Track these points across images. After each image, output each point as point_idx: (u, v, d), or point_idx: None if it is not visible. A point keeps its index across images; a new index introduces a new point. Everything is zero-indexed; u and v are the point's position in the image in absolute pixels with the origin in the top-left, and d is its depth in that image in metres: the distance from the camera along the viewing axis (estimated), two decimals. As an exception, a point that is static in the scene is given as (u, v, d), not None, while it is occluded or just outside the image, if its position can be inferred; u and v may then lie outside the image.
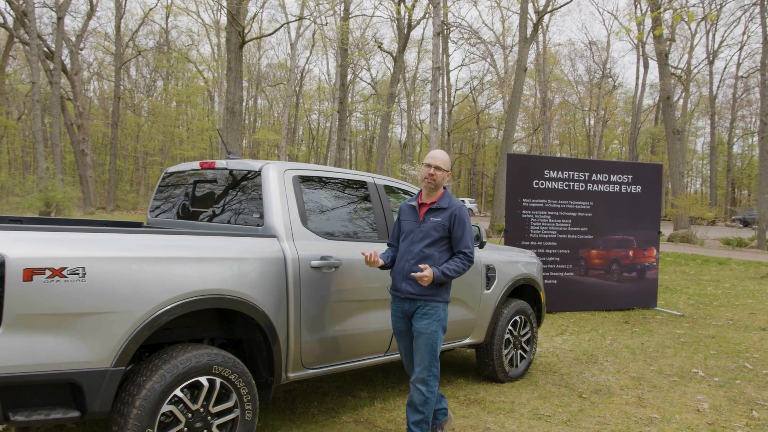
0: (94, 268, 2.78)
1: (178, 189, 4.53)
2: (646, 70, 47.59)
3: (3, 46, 45.53)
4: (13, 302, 2.56)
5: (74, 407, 2.79)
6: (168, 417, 3.05)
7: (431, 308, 3.67)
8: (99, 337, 2.79)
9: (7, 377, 2.56)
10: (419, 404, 3.64)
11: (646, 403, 5.02)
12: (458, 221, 3.72)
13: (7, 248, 2.58)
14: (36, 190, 30.73)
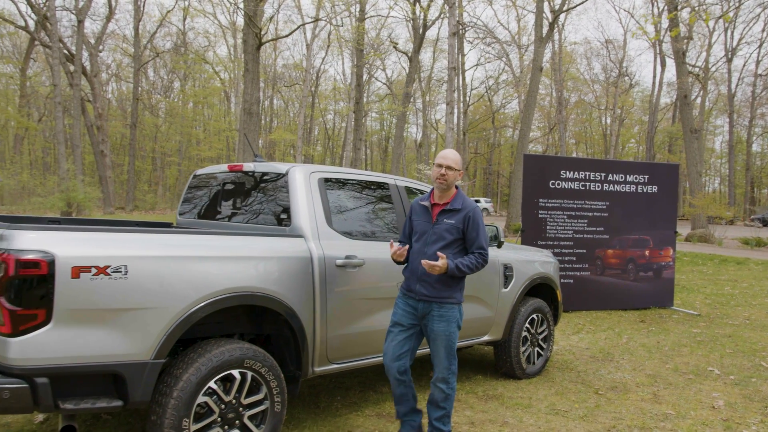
0: (136, 266, 2.96)
1: (207, 191, 4.71)
2: (663, 69, 47.26)
3: (24, 49, 46.31)
4: (63, 298, 2.74)
5: (117, 397, 2.96)
6: (203, 408, 3.21)
7: (447, 310, 3.70)
8: (140, 331, 2.96)
9: (58, 368, 2.74)
10: (440, 401, 3.74)
11: (662, 400, 5.11)
12: (472, 223, 3.72)
13: (56, 248, 2.76)
14: (57, 190, 31.27)
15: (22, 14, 39.68)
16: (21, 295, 2.67)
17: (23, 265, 2.66)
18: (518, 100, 49.69)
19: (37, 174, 51.28)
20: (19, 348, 2.67)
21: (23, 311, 2.67)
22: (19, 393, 2.64)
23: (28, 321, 2.68)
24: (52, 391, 2.73)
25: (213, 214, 4.56)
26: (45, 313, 2.71)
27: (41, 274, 2.69)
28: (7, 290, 2.65)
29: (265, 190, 4.18)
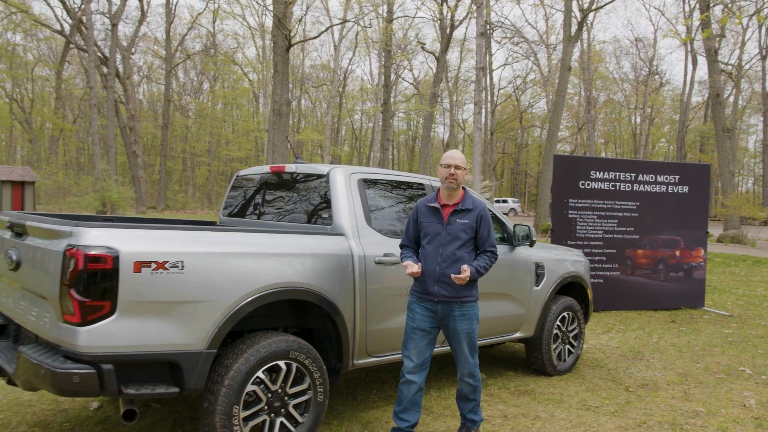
0: (191, 262, 3.16)
1: (249, 191, 4.91)
2: (695, 67, 46.52)
3: (60, 52, 47.48)
4: (126, 291, 2.95)
5: (174, 384, 3.17)
6: (251, 396, 3.41)
7: (468, 308, 3.77)
8: (195, 322, 3.16)
9: (122, 355, 2.95)
10: (470, 394, 3.87)
11: (692, 398, 5.18)
12: (484, 222, 3.80)
13: (120, 244, 2.97)
14: (92, 190, 32.04)
15: (59, 18, 40.81)
16: (89, 287, 2.88)
17: (91, 260, 2.87)
18: (546, 99, 49.41)
19: (71, 174, 52.53)
20: (87, 336, 2.88)
21: (91, 302, 2.88)
22: (87, 378, 2.86)
23: (95, 311, 2.89)
24: (117, 376, 2.94)
25: (255, 213, 4.76)
26: (110, 304, 2.92)
27: (107, 268, 2.90)
28: (76, 283, 2.87)
29: (307, 190, 4.37)
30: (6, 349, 3.59)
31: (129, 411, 3.07)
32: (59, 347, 2.97)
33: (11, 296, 3.60)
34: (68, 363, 2.89)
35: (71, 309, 2.88)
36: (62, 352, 2.95)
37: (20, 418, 4.17)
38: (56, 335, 2.98)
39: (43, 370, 2.88)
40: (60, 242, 2.98)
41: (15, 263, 3.37)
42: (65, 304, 2.90)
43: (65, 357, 2.94)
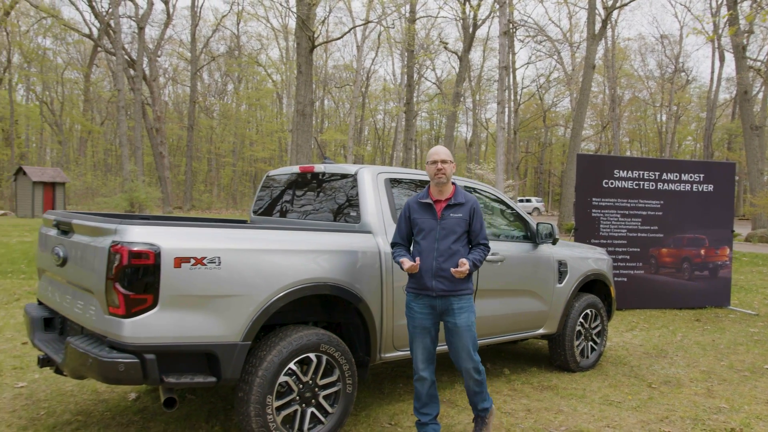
0: (227, 258, 3.32)
1: (279, 190, 5.08)
2: (722, 64, 45.80)
3: (88, 55, 48.45)
4: (167, 285, 3.12)
5: (211, 374, 3.33)
6: (283, 387, 3.56)
7: (466, 301, 3.79)
8: (231, 316, 3.32)
9: (163, 346, 3.12)
10: (475, 386, 3.88)
11: (716, 395, 5.22)
12: (477, 215, 3.84)
13: (161, 241, 3.14)
14: (121, 190, 32.66)
15: (87, 22, 41.67)
16: (133, 281, 3.06)
17: (135, 256, 3.05)
18: (570, 98, 49.05)
19: (99, 175, 53.55)
20: (131, 328, 3.06)
21: (135, 296, 3.06)
22: (131, 367, 3.03)
23: (138, 304, 3.07)
24: (158, 366, 3.11)
25: (285, 212, 4.93)
26: (152, 297, 3.10)
27: (149, 263, 3.07)
28: (121, 277, 3.05)
29: (335, 189, 4.52)
30: (53, 341, 3.80)
31: (169, 399, 3.24)
32: (105, 338, 3.16)
33: (57, 290, 3.80)
34: (114, 353, 3.07)
35: (116, 302, 3.06)
36: (108, 343, 3.14)
37: (64, 407, 4.38)
38: (102, 327, 3.17)
39: (91, 359, 3.06)
40: (105, 239, 3.16)
41: (62, 259, 3.57)
42: (110, 297, 3.08)
43: (111, 347, 3.12)
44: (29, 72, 46.26)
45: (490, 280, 4.82)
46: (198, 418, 4.22)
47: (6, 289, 9.35)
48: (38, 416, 4.20)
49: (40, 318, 3.96)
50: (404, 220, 3.91)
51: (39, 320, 3.95)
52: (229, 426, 4.09)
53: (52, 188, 31.77)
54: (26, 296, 8.82)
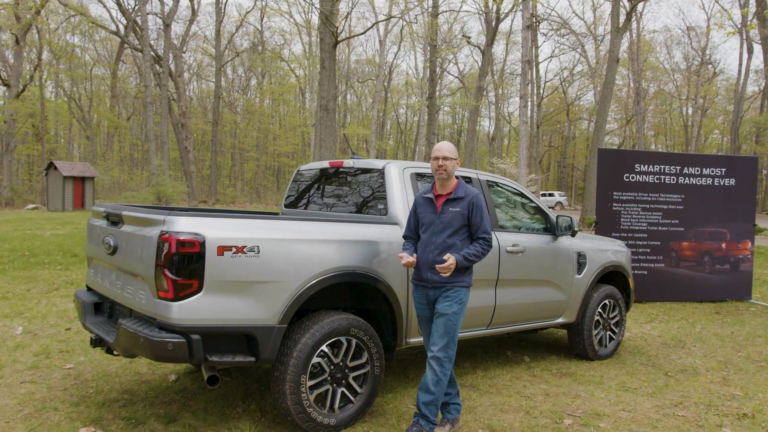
0: (266, 247, 3.58)
1: (310, 184, 5.34)
2: (750, 56, 45.07)
3: (114, 52, 49.35)
4: (211, 271, 3.39)
5: (250, 354, 3.60)
6: (316, 367, 3.82)
7: (454, 291, 3.84)
8: (268, 300, 3.59)
9: (207, 327, 3.40)
10: (431, 383, 3.77)
11: (731, 383, 5.38)
12: (476, 209, 3.86)
13: (205, 231, 3.41)
14: (147, 184, 33.34)
15: (114, 19, 42.36)
16: (180, 268, 3.33)
17: (182, 244, 3.32)
18: (594, 91, 48.68)
19: (126, 169, 54.52)
20: (179, 310, 3.34)
21: (182, 281, 3.33)
22: (179, 346, 3.31)
23: (185, 289, 3.34)
24: (203, 346, 3.39)
25: (315, 204, 5.19)
26: (198, 283, 3.37)
27: (195, 251, 3.35)
28: (169, 264, 3.32)
29: (363, 183, 4.76)
30: (103, 323, 4.10)
31: (212, 377, 3.52)
32: (154, 320, 3.44)
33: (107, 277, 4.10)
34: (163, 333, 3.35)
35: (165, 286, 3.34)
36: (157, 324, 3.42)
37: (110, 387, 4.70)
38: (151, 309, 3.45)
39: (142, 339, 3.35)
40: (154, 229, 3.44)
41: (112, 248, 3.87)
42: (160, 282, 3.36)
43: (160, 328, 3.40)
44: (58, 69, 47.25)
45: (511, 270, 5.04)
46: (235, 398, 4.51)
47: (45, 279, 9.77)
48: (87, 394, 4.52)
49: (91, 303, 4.27)
50: (412, 215, 4.07)
51: (90, 305, 4.25)
52: (264, 405, 4.37)
53: (81, 182, 32.52)
54: (64, 286, 9.22)
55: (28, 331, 6.35)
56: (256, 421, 4.05)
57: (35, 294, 8.52)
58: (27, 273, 10.31)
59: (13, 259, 11.71)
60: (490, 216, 5.03)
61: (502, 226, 5.18)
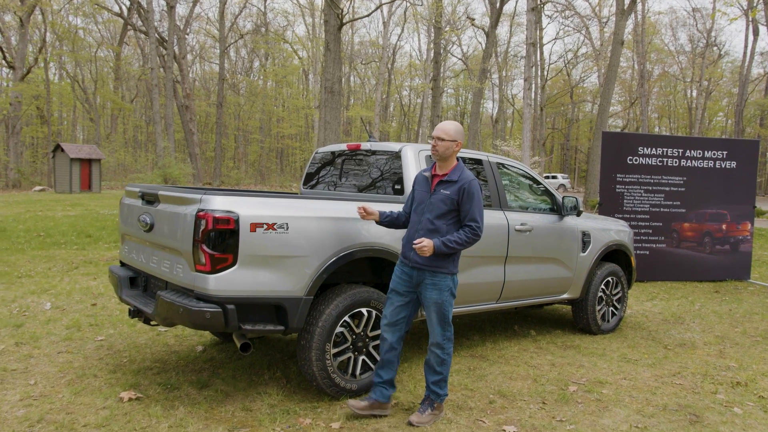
0: (294, 224, 3.85)
1: (328, 166, 5.60)
2: (756, 38, 44.91)
3: (118, 33, 49.31)
4: (244, 246, 3.66)
5: (279, 323, 3.89)
6: (339, 337, 4.11)
7: (439, 279, 3.79)
8: (296, 273, 3.86)
9: (242, 297, 3.68)
10: (437, 365, 3.85)
11: (726, 356, 5.67)
12: (467, 195, 3.75)
13: (239, 209, 3.67)
14: (152, 167, 33.59)
15: (117, 1, 42.36)
16: (216, 243, 3.60)
17: (218, 222, 3.59)
18: (598, 73, 48.59)
19: (130, 151, 54.74)
20: (215, 282, 3.62)
21: (218, 255, 3.61)
22: (215, 315, 3.59)
23: (221, 262, 3.62)
24: (237, 315, 3.67)
25: (333, 185, 5.45)
26: (232, 257, 3.64)
27: (230, 228, 3.61)
28: (207, 239, 3.59)
29: (380, 165, 5.01)
30: (138, 296, 4.39)
31: (245, 344, 3.81)
32: (192, 291, 3.72)
33: (143, 253, 4.38)
34: (201, 303, 3.63)
35: (202, 260, 3.62)
36: (195, 295, 3.70)
37: (142, 356, 5.01)
38: (189, 282, 3.73)
39: (182, 309, 3.63)
40: (192, 207, 3.71)
41: (149, 225, 4.14)
42: (197, 256, 3.64)
43: (197, 299, 3.68)
44: (62, 51, 47.29)
45: (519, 247, 5.31)
46: (260, 367, 4.82)
47: (64, 258, 10.08)
48: (122, 363, 4.82)
49: (126, 277, 4.56)
50: (411, 192, 4.06)
51: (125, 279, 4.54)
52: (288, 372, 4.67)
53: (88, 164, 32.78)
54: (83, 265, 9.53)
55: (56, 307, 6.66)
56: (282, 387, 4.36)
57: (56, 272, 8.83)
58: (45, 252, 10.62)
59: (29, 239, 12.03)
60: (500, 196, 5.30)
61: (511, 206, 5.44)
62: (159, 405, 3.93)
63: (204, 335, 5.70)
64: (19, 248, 10.95)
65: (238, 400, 4.10)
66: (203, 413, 3.84)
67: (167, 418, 3.73)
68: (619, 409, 4.13)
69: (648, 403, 4.27)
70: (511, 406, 4.12)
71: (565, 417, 3.96)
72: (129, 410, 3.85)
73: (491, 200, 5.24)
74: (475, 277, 4.96)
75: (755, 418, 4.08)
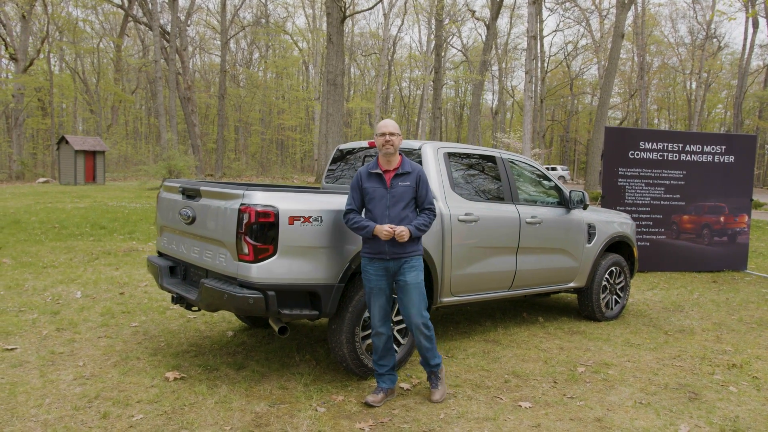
0: (327, 217, 4.18)
1: (350, 162, 5.93)
2: (756, 30, 45.21)
3: (118, 25, 49.40)
4: (283, 238, 4.00)
5: (313, 309, 4.23)
6: (367, 321, 4.44)
7: (416, 261, 4.11)
8: (330, 263, 4.20)
9: (281, 284, 4.02)
10: (426, 341, 4.13)
11: (723, 341, 6.03)
12: (422, 182, 4.13)
13: (278, 203, 4.01)
14: (154, 158, 33.81)
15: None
16: (258, 234, 3.94)
17: (260, 215, 3.93)
18: (597, 65, 48.84)
19: (132, 143, 54.93)
20: (257, 270, 3.95)
21: (260, 246, 3.94)
22: (258, 301, 3.93)
23: (263, 252, 3.96)
24: (277, 300, 4.01)
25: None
26: (273, 247, 3.98)
27: (270, 221, 3.95)
28: (250, 231, 3.93)
29: (401, 162, 5.34)
30: (178, 284, 4.73)
31: (283, 327, 4.15)
32: (235, 279, 4.06)
33: (183, 244, 4.72)
34: (245, 290, 3.97)
35: (245, 250, 3.95)
36: (238, 283, 4.04)
37: (178, 341, 5.36)
38: (233, 270, 4.06)
39: (227, 295, 3.97)
40: (235, 202, 4.04)
41: (190, 218, 4.47)
42: (240, 247, 3.98)
43: (240, 286, 4.02)
44: (64, 42, 47.40)
45: (530, 239, 5.66)
46: (290, 350, 5.17)
47: (83, 249, 10.41)
48: (160, 347, 5.18)
49: (167, 266, 4.90)
50: (356, 189, 4.16)
51: (166, 268, 4.89)
52: (317, 355, 5.03)
53: (93, 156, 33.07)
54: (103, 256, 9.87)
55: (86, 295, 7.00)
56: (313, 368, 4.71)
57: (78, 263, 9.16)
58: (63, 244, 10.94)
59: (45, 231, 12.36)
60: (512, 191, 5.64)
61: (522, 200, 5.78)
62: (203, 384, 4.29)
63: (233, 321, 6.05)
64: (37, 239, 11.28)
65: (274, 379, 4.45)
66: (243, 391, 4.20)
67: (212, 395, 4.09)
68: (625, 388, 4.50)
69: (650, 383, 4.63)
70: (525, 385, 4.49)
71: (575, 394, 4.32)
72: (176, 388, 4.20)
73: (504, 194, 5.59)
74: (489, 267, 5.31)
75: (749, 395, 4.44)
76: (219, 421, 3.70)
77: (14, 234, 11.76)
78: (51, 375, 4.40)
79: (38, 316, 6.01)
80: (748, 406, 4.23)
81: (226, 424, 3.67)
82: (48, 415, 3.72)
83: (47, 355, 4.85)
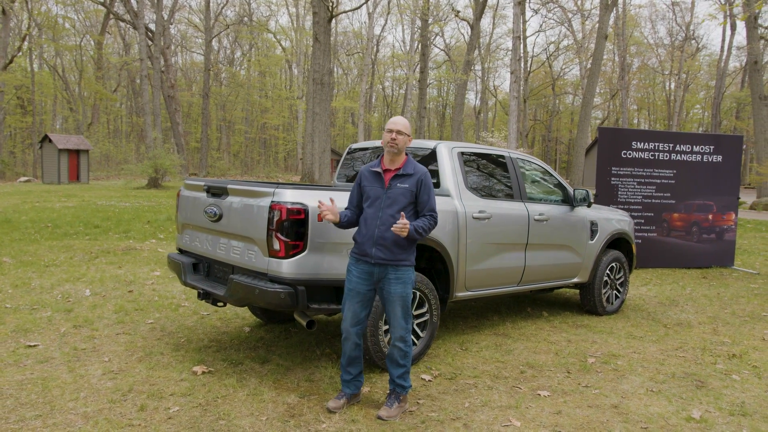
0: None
1: (361, 160, 6.08)
2: (734, 32, 46.06)
3: (99, 22, 48.92)
4: (313, 234, 4.14)
5: (339, 303, 4.37)
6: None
7: (403, 272, 3.85)
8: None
9: (311, 279, 4.15)
10: (400, 358, 3.89)
11: (720, 333, 6.28)
12: (424, 186, 3.88)
13: (306, 201, 4.14)
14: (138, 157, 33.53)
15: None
16: (289, 231, 4.07)
17: (291, 213, 4.06)
18: (579, 66, 49.43)
19: (114, 142, 54.37)
20: (288, 266, 4.09)
21: (291, 242, 4.08)
22: (288, 295, 4.06)
23: (294, 249, 4.09)
24: (307, 294, 4.15)
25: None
26: (302, 244, 4.11)
27: (301, 218, 4.09)
28: (281, 228, 4.06)
29: (417, 161, 5.50)
30: (202, 280, 4.84)
31: (311, 321, 4.28)
32: (265, 274, 4.19)
33: (208, 241, 4.83)
34: (276, 285, 4.10)
35: (277, 247, 4.08)
36: (268, 278, 4.17)
37: (197, 337, 5.47)
38: (263, 266, 4.19)
39: (258, 290, 4.10)
40: (265, 200, 4.17)
41: (217, 216, 4.59)
42: (271, 243, 4.10)
43: (271, 281, 4.15)
44: (45, 40, 46.85)
45: (538, 235, 5.86)
46: (310, 345, 5.31)
47: (81, 248, 10.42)
48: (181, 343, 5.28)
49: (190, 263, 5.00)
50: (356, 188, 4.05)
51: (189, 265, 4.99)
52: (336, 349, 5.17)
53: (76, 155, 32.78)
54: (103, 254, 9.89)
55: (95, 293, 7.06)
56: (334, 362, 4.86)
57: (79, 262, 9.19)
58: (60, 243, 10.93)
59: (38, 230, 12.32)
60: (521, 189, 5.83)
61: (530, 198, 5.98)
62: (231, 377, 4.41)
63: (247, 318, 6.17)
64: (32, 239, 11.25)
65: (299, 372, 4.59)
66: (272, 384, 4.33)
67: (242, 388, 4.21)
68: (635, 377, 4.71)
69: (658, 372, 4.85)
70: (540, 375, 4.68)
71: (589, 383, 4.52)
72: (206, 382, 4.32)
73: (513, 192, 5.78)
74: (500, 263, 5.50)
75: (751, 383, 4.68)
76: (254, 412, 3.83)
77: (8, 233, 11.72)
78: (79, 370, 4.49)
79: (52, 314, 6.07)
80: (752, 393, 4.46)
81: (262, 414, 3.80)
82: (86, 408, 3.82)
83: (70, 351, 4.93)
